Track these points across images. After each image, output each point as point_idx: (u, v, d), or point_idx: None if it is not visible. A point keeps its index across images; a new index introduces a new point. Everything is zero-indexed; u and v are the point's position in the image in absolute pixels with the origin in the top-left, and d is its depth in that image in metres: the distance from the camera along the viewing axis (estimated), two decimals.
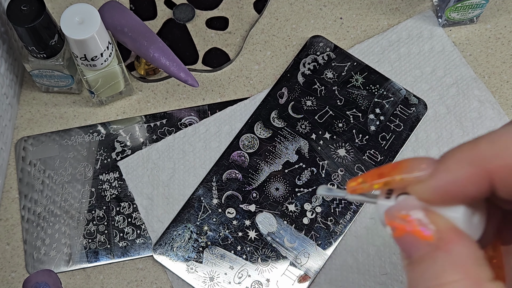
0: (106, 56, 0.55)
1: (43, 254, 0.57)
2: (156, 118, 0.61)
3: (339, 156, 0.59)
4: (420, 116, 0.60)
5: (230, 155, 0.59)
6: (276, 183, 0.58)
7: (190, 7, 0.64)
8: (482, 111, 0.61)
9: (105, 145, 0.60)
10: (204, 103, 0.62)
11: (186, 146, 0.60)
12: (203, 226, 0.57)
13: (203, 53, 0.63)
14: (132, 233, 0.58)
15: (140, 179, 0.59)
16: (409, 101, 0.60)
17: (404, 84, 0.62)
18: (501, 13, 0.64)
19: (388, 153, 0.59)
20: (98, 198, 0.59)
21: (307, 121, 0.60)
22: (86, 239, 0.57)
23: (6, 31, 0.58)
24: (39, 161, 0.60)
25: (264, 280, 0.55)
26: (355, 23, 0.64)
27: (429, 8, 0.65)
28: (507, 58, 0.63)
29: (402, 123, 0.60)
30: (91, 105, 0.62)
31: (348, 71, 0.61)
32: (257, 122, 0.60)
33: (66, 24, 0.52)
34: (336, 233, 0.57)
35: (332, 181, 0.58)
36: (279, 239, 0.56)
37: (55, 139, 0.60)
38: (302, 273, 0.55)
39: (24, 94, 0.62)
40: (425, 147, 0.60)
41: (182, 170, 0.59)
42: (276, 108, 0.60)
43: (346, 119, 0.60)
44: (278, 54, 0.63)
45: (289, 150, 0.59)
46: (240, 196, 0.58)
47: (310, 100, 0.61)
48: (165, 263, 0.56)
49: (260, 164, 0.59)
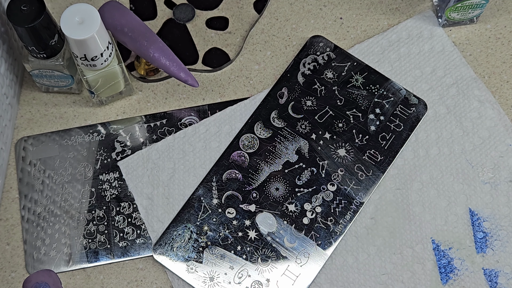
0: (106, 56, 0.55)
1: (43, 254, 0.57)
2: (156, 118, 0.61)
3: (339, 156, 0.59)
4: (420, 116, 0.60)
5: (230, 155, 0.59)
6: (276, 183, 0.58)
7: (190, 7, 0.64)
8: (482, 111, 0.61)
9: (105, 145, 0.60)
10: (204, 103, 0.62)
11: (186, 146, 0.60)
12: (203, 226, 0.57)
13: (203, 53, 0.63)
14: (132, 233, 0.58)
15: (140, 179, 0.59)
16: (409, 101, 0.60)
17: (404, 84, 0.62)
18: (501, 13, 0.64)
19: (388, 153, 0.59)
20: (98, 198, 0.59)
21: (307, 121, 0.60)
22: (86, 239, 0.57)
23: (6, 31, 0.58)
24: (39, 161, 0.60)
25: (264, 280, 0.55)
26: (355, 23, 0.64)
27: (429, 8, 0.65)
28: (507, 58, 0.63)
29: (402, 123, 0.60)
30: (91, 105, 0.62)
31: (348, 71, 0.61)
32: (257, 122, 0.60)
33: (66, 24, 0.52)
34: (336, 233, 0.57)
35: (332, 181, 0.58)
36: (279, 239, 0.56)
37: (55, 139, 0.60)
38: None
39: (24, 94, 0.62)
40: (425, 147, 0.60)
41: (182, 170, 0.59)
42: (276, 108, 0.60)
43: (346, 119, 0.60)
44: (278, 54, 0.63)
45: (289, 150, 0.59)
46: (240, 196, 0.58)
47: (310, 100, 0.61)
48: (165, 263, 0.56)
49: (260, 164, 0.59)
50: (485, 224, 0.57)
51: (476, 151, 0.59)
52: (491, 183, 0.58)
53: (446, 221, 0.57)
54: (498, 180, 0.58)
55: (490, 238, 0.57)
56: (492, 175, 0.59)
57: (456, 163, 0.59)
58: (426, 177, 0.59)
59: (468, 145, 0.60)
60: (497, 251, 0.56)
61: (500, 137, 0.60)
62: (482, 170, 0.59)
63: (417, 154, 0.59)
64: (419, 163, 0.59)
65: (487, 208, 0.58)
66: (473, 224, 0.57)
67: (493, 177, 0.58)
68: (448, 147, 0.60)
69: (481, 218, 0.57)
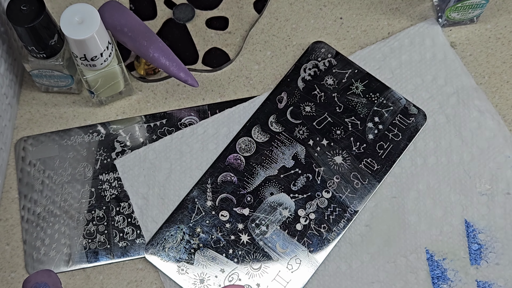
0: (106, 56, 0.55)
1: (43, 254, 0.58)
2: (156, 118, 0.61)
3: (335, 163, 0.58)
4: (419, 126, 0.59)
5: (226, 158, 0.59)
6: (271, 188, 0.58)
7: (190, 7, 0.64)
8: (482, 121, 0.59)
9: (105, 145, 0.61)
10: (204, 103, 0.62)
11: (184, 147, 0.60)
12: (196, 227, 0.57)
13: (203, 53, 0.63)
14: (132, 233, 0.58)
15: (136, 178, 0.59)
16: (408, 111, 0.60)
17: (405, 91, 0.61)
18: (501, 13, 0.63)
19: (385, 162, 0.58)
20: (98, 198, 0.59)
21: (305, 126, 0.60)
22: (86, 239, 0.58)
23: (6, 31, 0.58)
24: (38, 161, 0.60)
25: (255, 284, 0.56)
26: (355, 23, 0.63)
27: (429, 8, 0.63)
28: (507, 58, 0.62)
29: (400, 132, 0.59)
30: (91, 105, 0.62)
31: (349, 78, 0.61)
32: (255, 125, 0.60)
33: (66, 24, 0.52)
34: (329, 240, 0.57)
35: (327, 188, 0.58)
36: (271, 244, 0.57)
37: (55, 139, 0.61)
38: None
39: (24, 94, 0.62)
40: (423, 155, 0.59)
41: (179, 171, 0.60)
42: (275, 113, 0.60)
43: (344, 127, 0.59)
44: (278, 54, 0.63)
45: (285, 155, 0.59)
46: (235, 199, 0.58)
47: (309, 106, 0.60)
48: (156, 263, 0.57)
49: (256, 168, 0.59)
50: (481, 236, 0.57)
51: (474, 162, 0.59)
52: (488, 194, 0.58)
53: (441, 231, 0.57)
54: (495, 192, 0.58)
55: (485, 250, 0.56)
56: (490, 187, 0.58)
57: (454, 173, 0.58)
58: (423, 186, 0.58)
59: (467, 155, 0.59)
60: (491, 263, 0.56)
61: (499, 148, 0.59)
62: (479, 181, 0.58)
63: (414, 163, 0.59)
64: (416, 171, 0.59)
65: (483, 219, 0.57)
66: (468, 236, 0.57)
67: (490, 189, 0.58)
68: (446, 157, 0.59)
69: (476, 230, 0.57)
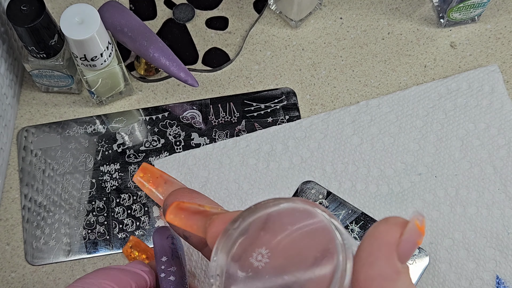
0: (106, 56, 0.55)
1: (42, 244, 0.57)
2: (158, 111, 0.61)
3: None
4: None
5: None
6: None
7: (190, 7, 0.64)
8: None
9: (107, 136, 0.60)
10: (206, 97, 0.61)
11: (224, 158, 0.59)
12: None
13: (203, 53, 0.63)
14: (132, 225, 0.58)
15: None
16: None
17: (455, 136, 0.59)
18: (501, 13, 0.64)
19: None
20: (98, 189, 0.59)
21: None
22: (85, 229, 0.58)
23: (6, 31, 0.58)
24: (40, 151, 0.60)
25: None
26: (355, 23, 0.64)
27: (430, 8, 0.65)
28: (507, 58, 0.63)
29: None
30: (91, 105, 0.62)
31: (343, 220, 0.57)
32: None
33: (66, 24, 0.52)
34: None
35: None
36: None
37: (57, 130, 0.61)
38: None
39: (24, 94, 0.62)
40: (464, 204, 0.57)
41: (216, 181, 0.58)
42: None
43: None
44: (278, 54, 0.63)
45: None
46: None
47: None
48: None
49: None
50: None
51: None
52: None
53: (471, 283, 0.55)
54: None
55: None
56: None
57: (492, 226, 0.57)
58: (459, 235, 0.56)
59: (508, 210, 0.57)
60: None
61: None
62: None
63: (453, 210, 0.57)
64: (454, 219, 0.57)
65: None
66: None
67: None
68: (487, 209, 0.57)
69: (507, 287, 0.55)
